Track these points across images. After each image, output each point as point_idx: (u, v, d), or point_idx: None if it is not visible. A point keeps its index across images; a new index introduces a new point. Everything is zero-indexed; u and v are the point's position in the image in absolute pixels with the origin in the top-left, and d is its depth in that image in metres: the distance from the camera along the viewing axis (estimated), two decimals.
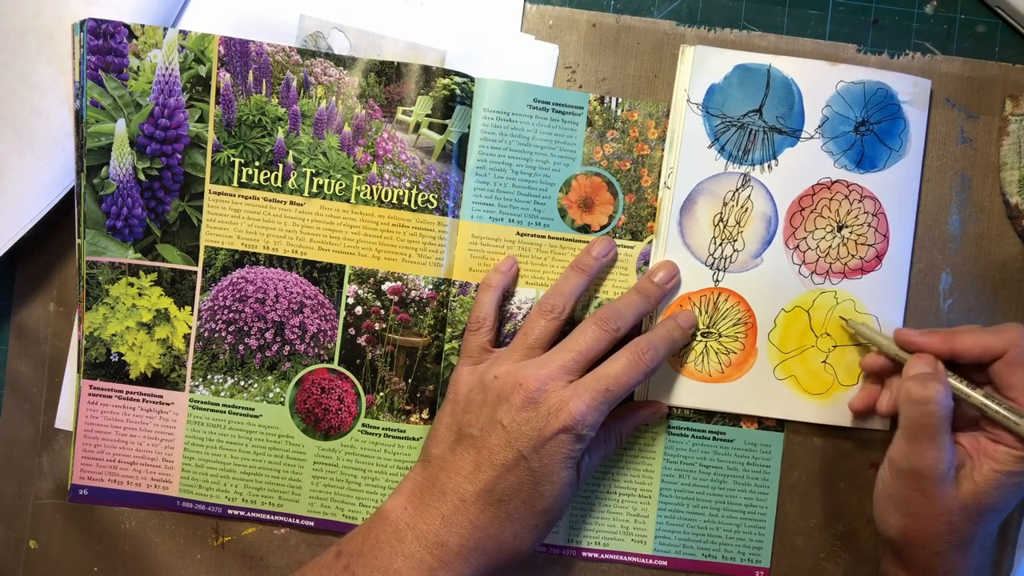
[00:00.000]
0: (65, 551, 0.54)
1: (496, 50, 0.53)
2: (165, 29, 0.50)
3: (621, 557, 0.55)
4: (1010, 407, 0.45)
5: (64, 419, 0.54)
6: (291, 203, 0.52)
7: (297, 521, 0.54)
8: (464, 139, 0.52)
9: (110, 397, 0.53)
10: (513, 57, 0.53)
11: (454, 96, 0.52)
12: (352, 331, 0.53)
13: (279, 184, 0.52)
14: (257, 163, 0.52)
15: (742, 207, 0.53)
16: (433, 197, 0.52)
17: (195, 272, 0.53)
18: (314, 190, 0.52)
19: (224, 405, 0.53)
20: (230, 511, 0.54)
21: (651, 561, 0.55)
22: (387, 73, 0.51)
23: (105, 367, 0.53)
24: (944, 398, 0.45)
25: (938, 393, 0.45)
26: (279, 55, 0.51)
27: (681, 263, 0.52)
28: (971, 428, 0.47)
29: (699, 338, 0.53)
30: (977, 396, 0.46)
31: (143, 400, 0.53)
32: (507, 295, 0.53)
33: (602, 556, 0.55)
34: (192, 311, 0.53)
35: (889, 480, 0.48)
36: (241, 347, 0.53)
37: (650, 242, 0.53)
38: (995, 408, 0.45)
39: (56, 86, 0.51)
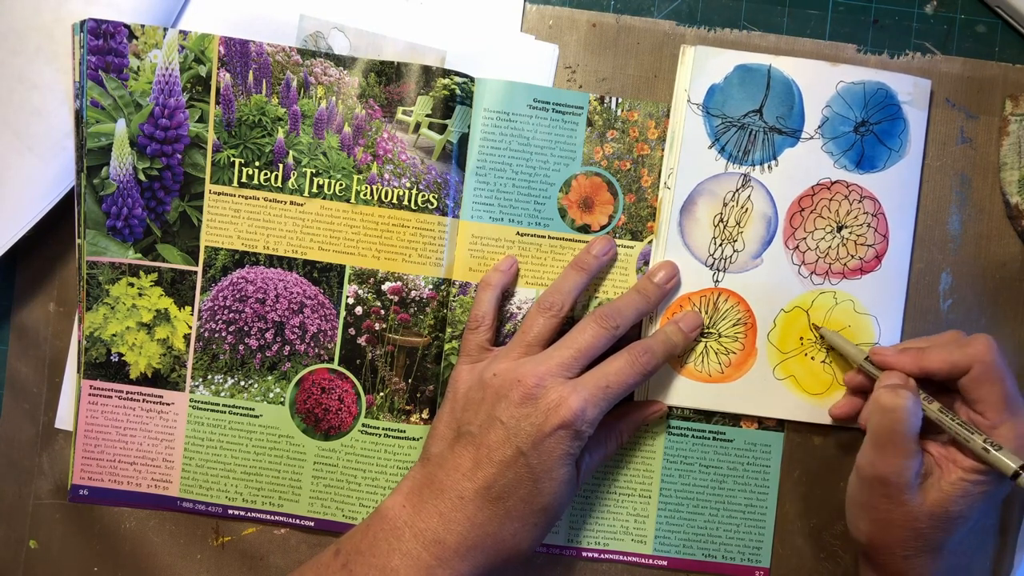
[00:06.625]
0: (65, 551, 0.54)
1: (496, 50, 0.53)
2: (165, 29, 0.51)
3: (621, 557, 0.54)
4: (963, 422, 0.45)
5: (64, 419, 0.54)
6: (291, 203, 0.52)
7: (297, 521, 0.54)
8: (464, 139, 0.52)
9: (110, 397, 0.53)
10: (513, 57, 0.53)
11: (454, 96, 0.52)
12: (352, 331, 0.53)
13: (279, 184, 0.52)
14: (257, 163, 0.52)
15: (742, 207, 0.53)
16: (433, 197, 0.52)
17: (195, 272, 0.53)
18: (314, 190, 0.52)
19: (224, 405, 0.53)
20: (230, 511, 0.54)
21: (651, 561, 0.55)
22: (387, 73, 0.52)
23: (105, 367, 0.53)
24: (913, 406, 0.45)
25: (908, 400, 0.45)
26: (279, 55, 0.51)
27: (681, 263, 0.52)
28: (942, 436, 0.47)
29: (699, 338, 0.53)
30: (933, 411, 0.46)
31: (143, 400, 0.53)
32: (507, 295, 0.53)
33: (602, 556, 0.54)
34: (192, 311, 0.53)
35: (856, 486, 0.48)
36: (241, 347, 0.53)
37: (650, 242, 0.53)
38: (948, 422, 0.46)
39: (56, 86, 0.51)
